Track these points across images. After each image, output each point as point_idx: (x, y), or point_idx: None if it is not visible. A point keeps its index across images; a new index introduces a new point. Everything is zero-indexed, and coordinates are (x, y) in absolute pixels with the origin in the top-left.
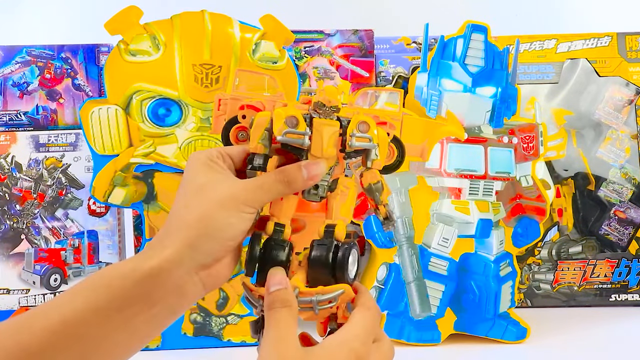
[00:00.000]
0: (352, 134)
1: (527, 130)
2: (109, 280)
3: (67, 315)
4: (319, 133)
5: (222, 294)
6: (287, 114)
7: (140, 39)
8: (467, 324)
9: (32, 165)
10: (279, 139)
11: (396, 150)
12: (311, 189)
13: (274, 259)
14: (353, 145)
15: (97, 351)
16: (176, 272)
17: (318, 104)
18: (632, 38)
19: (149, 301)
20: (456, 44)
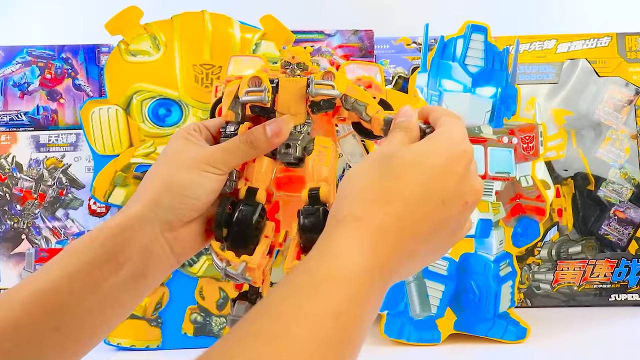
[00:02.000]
0: (310, 80)
1: (526, 130)
2: (79, 244)
3: (42, 285)
4: (284, 89)
5: (222, 293)
6: (251, 75)
7: (140, 39)
8: (467, 323)
9: (32, 166)
10: (241, 100)
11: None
12: (282, 148)
13: (242, 220)
14: (313, 93)
15: (72, 320)
16: (140, 229)
17: (284, 63)
18: (632, 38)
19: (116, 262)
20: (456, 44)
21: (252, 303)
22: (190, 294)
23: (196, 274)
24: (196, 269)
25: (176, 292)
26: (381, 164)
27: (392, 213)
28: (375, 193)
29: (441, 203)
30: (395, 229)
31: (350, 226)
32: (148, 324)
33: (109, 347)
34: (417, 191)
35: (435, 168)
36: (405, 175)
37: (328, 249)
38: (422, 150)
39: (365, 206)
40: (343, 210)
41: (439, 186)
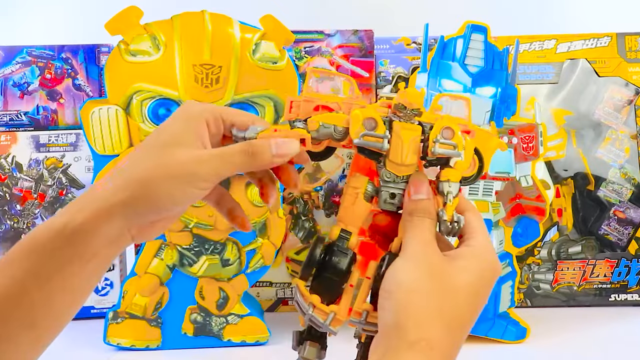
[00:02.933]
0: (435, 139)
1: (526, 130)
2: (42, 242)
3: (9, 283)
4: (399, 137)
5: (222, 293)
6: (365, 115)
7: (140, 39)
8: None
9: (32, 166)
10: (355, 142)
11: (477, 162)
12: (387, 197)
13: (333, 266)
14: (436, 152)
15: (43, 314)
16: (108, 226)
17: (399, 106)
18: (632, 38)
19: (84, 257)
20: (456, 44)
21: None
22: (190, 294)
23: (196, 274)
24: (196, 269)
25: (176, 292)
26: (439, 283)
27: (454, 338)
28: (443, 318)
29: (477, 314)
30: (455, 352)
31: (425, 355)
32: (148, 324)
33: (109, 347)
34: (469, 313)
35: (481, 291)
36: (459, 298)
37: None
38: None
39: (436, 332)
40: (413, 330)
41: (483, 303)
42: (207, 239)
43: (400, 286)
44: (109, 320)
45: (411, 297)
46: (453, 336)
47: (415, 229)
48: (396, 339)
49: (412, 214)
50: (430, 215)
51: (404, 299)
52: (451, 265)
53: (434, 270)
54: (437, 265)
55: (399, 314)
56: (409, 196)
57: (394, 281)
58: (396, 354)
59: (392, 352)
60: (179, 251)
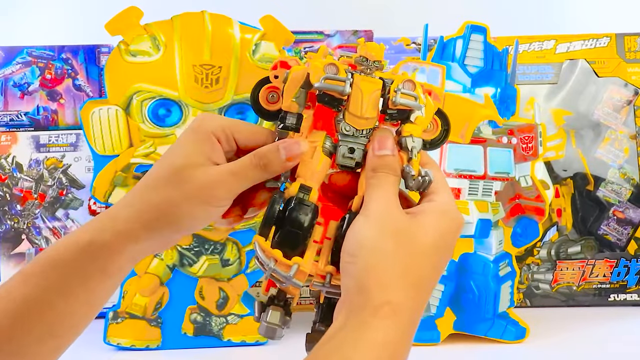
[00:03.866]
0: (396, 89)
1: (526, 130)
2: (67, 256)
3: (32, 292)
4: (359, 89)
5: (222, 293)
6: (327, 62)
7: (140, 39)
8: (467, 323)
9: (32, 166)
10: (316, 86)
11: (440, 124)
12: (345, 152)
13: (294, 221)
14: (397, 102)
15: (64, 325)
16: (132, 248)
17: (360, 59)
18: (631, 38)
19: (107, 273)
20: (455, 44)
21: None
22: (190, 294)
23: (196, 274)
24: (196, 269)
25: (176, 292)
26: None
27: (420, 298)
28: (407, 279)
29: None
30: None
31: (390, 319)
32: (148, 324)
33: (109, 347)
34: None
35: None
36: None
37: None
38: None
39: (400, 295)
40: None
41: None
42: (207, 239)
43: (363, 247)
44: (109, 320)
45: (374, 258)
46: (418, 297)
47: (378, 186)
48: (359, 303)
49: (376, 169)
50: (395, 171)
51: (367, 261)
52: (414, 222)
53: (397, 229)
54: (400, 223)
55: (362, 278)
56: (373, 152)
57: (355, 242)
58: (360, 318)
59: (355, 317)
60: (179, 251)
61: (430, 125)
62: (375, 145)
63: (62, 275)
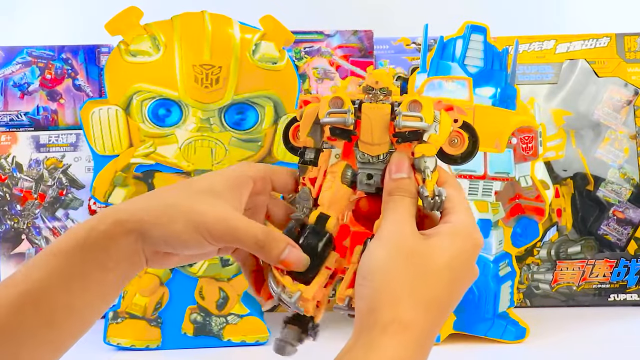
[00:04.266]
0: (398, 112)
1: (526, 130)
2: (67, 247)
3: (33, 282)
4: (367, 117)
5: (222, 293)
6: (332, 96)
7: (140, 39)
8: (467, 323)
9: (32, 166)
10: (322, 121)
11: (466, 137)
12: (364, 178)
13: (307, 248)
14: (400, 125)
15: (63, 315)
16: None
17: (366, 87)
18: (631, 39)
19: (105, 267)
20: (455, 44)
21: (304, 330)
22: (190, 294)
23: (196, 274)
24: (196, 269)
25: (176, 292)
26: (414, 263)
27: (432, 319)
28: (417, 298)
29: (462, 293)
30: (433, 331)
31: (399, 337)
32: (148, 324)
33: (109, 347)
34: (446, 293)
35: (459, 269)
36: (436, 278)
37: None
38: (450, 252)
39: (410, 312)
40: (386, 313)
41: (463, 283)
42: None
43: (374, 270)
44: (109, 320)
45: (384, 279)
46: (430, 317)
47: (392, 209)
48: (369, 322)
49: (392, 193)
50: (410, 194)
51: (377, 282)
52: (427, 244)
53: (408, 250)
54: (411, 244)
55: (372, 298)
56: (390, 175)
57: (367, 264)
58: (369, 336)
59: (365, 335)
60: None
61: (457, 139)
62: (392, 169)
63: (61, 266)
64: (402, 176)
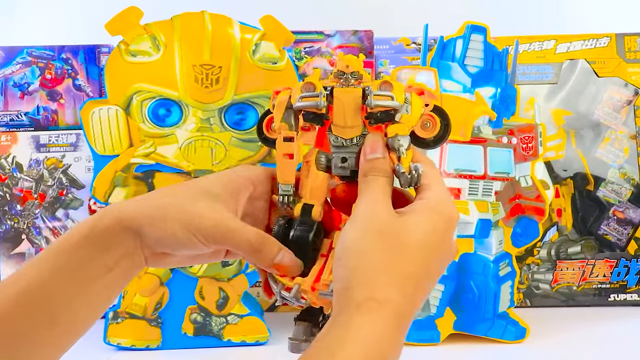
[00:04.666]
0: (369, 91)
1: (526, 130)
2: (70, 242)
3: (35, 279)
4: (339, 100)
5: (222, 293)
6: (304, 82)
7: (140, 39)
8: (467, 323)
9: (32, 166)
10: (295, 106)
11: (438, 121)
12: (338, 162)
13: (298, 240)
14: (371, 105)
15: (62, 313)
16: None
17: (337, 72)
18: (631, 39)
19: (106, 264)
20: (455, 44)
21: (315, 323)
22: (190, 294)
23: (196, 274)
24: (196, 269)
25: (176, 292)
26: (387, 241)
27: (409, 293)
28: (391, 275)
29: (440, 269)
30: (410, 308)
31: (374, 314)
32: (148, 324)
33: (109, 347)
34: (422, 268)
35: (435, 245)
36: (410, 254)
37: (352, 335)
38: (420, 225)
39: (384, 289)
40: (361, 291)
41: (439, 258)
42: None
43: (349, 250)
44: (109, 320)
45: (359, 259)
46: (405, 293)
47: (366, 189)
48: (345, 302)
49: (366, 174)
50: (385, 173)
51: (351, 262)
52: (401, 221)
53: (381, 228)
54: (385, 222)
55: (347, 278)
56: (364, 157)
57: (342, 245)
58: (345, 316)
59: (341, 316)
60: None
61: (429, 123)
62: (366, 150)
63: (63, 264)
64: (376, 156)
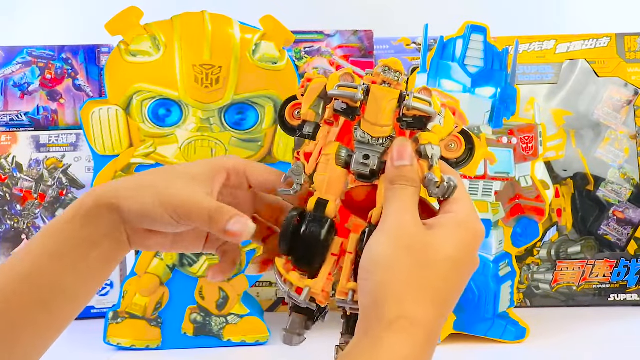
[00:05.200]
0: (409, 93)
1: (526, 130)
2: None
3: (28, 265)
4: (375, 97)
5: (222, 293)
6: (343, 72)
7: (140, 39)
8: (467, 323)
9: (32, 166)
10: (330, 93)
11: (464, 143)
12: (360, 157)
13: (310, 236)
14: (410, 106)
15: (55, 295)
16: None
17: (383, 67)
18: (631, 39)
19: (92, 242)
20: (455, 44)
21: (310, 316)
22: (190, 294)
23: (196, 274)
24: (196, 269)
25: (176, 292)
26: (416, 256)
27: (438, 313)
28: (421, 292)
29: (463, 284)
30: (438, 324)
31: (406, 333)
32: (148, 324)
33: (109, 347)
34: (449, 284)
35: (462, 261)
36: (438, 270)
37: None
38: (448, 240)
39: (416, 308)
40: (392, 309)
41: (465, 273)
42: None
43: (377, 264)
44: (109, 320)
45: (389, 274)
46: (436, 311)
47: (395, 199)
48: (375, 319)
49: (394, 181)
50: (414, 183)
51: (381, 277)
52: (431, 235)
53: (412, 243)
54: (415, 236)
55: (377, 293)
56: (392, 163)
57: (370, 258)
58: (375, 333)
59: (371, 333)
60: None
61: (454, 144)
62: (394, 156)
63: (51, 242)
64: (404, 163)
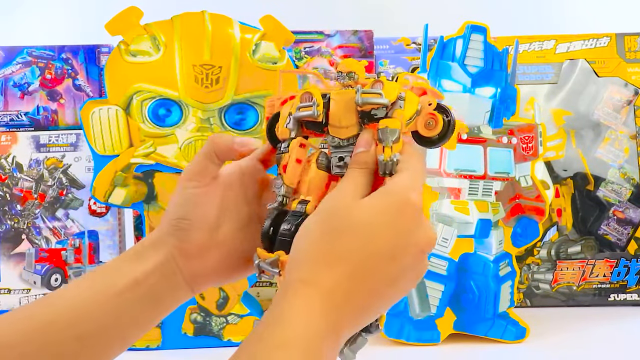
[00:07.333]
0: (357, 89)
1: (526, 130)
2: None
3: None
4: (334, 101)
5: (222, 293)
6: (302, 92)
7: (140, 39)
8: (467, 323)
9: (32, 166)
10: (293, 116)
11: (440, 118)
12: (335, 161)
13: (285, 231)
14: (359, 102)
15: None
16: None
17: (337, 74)
18: (631, 38)
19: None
20: (455, 44)
21: None
22: None
23: None
24: None
25: None
26: (325, 222)
27: (339, 275)
28: (320, 255)
29: (391, 259)
30: (344, 290)
31: (300, 292)
32: None
33: None
34: (361, 251)
35: (380, 226)
36: (350, 234)
37: (280, 315)
38: (368, 207)
39: (311, 269)
40: (292, 273)
41: (386, 243)
42: None
43: (298, 235)
44: None
45: (299, 240)
46: (335, 273)
47: (341, 181)
48: (280, 285)
49: (349, 167)
50: (362, 164)
51: (294, 246)
52: (354, 205)
53: (333, 212)
54: (339, 208)
55: (288, 262)
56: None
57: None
58: (276, 299)
59: (278, 296)
60: None
61: (432, 121)
62: (356, 146)
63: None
64: (360, 150)
